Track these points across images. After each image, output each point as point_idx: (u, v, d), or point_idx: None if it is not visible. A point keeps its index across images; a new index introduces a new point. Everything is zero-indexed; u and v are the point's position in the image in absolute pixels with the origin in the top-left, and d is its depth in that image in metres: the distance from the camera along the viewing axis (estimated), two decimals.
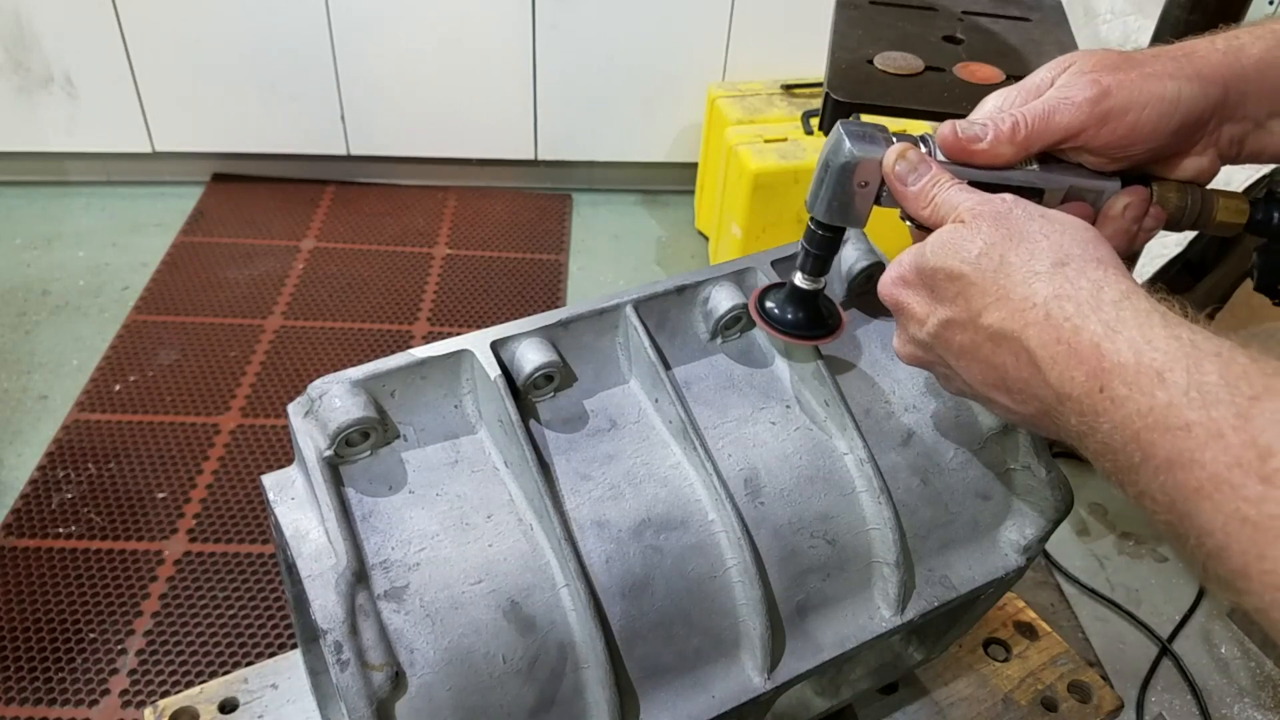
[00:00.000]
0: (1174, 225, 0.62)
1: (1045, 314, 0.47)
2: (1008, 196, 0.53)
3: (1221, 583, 0.41)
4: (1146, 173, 0.61)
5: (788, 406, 0.68)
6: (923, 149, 0.58)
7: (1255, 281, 0.67)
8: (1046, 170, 0.58)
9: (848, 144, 0.57)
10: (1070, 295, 0.47)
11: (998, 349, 0.50)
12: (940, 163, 0.57)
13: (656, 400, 0.66)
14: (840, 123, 0.59)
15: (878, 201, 0.59)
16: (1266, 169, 1.28)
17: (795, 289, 0.64)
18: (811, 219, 0.61)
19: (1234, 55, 0.58)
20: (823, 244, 0.62)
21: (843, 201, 0.59)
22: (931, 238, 0.54)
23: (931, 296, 0.54)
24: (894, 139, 0.58)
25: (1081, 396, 0.45)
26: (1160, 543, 1.81)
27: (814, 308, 0.65)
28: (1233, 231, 0.63)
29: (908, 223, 0.59)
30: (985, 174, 0.58)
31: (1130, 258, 0.63)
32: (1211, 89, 0.57)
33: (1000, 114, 0.57)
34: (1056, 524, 0.72)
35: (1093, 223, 0.60)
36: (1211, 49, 0.58)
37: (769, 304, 0.66)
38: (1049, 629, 0.97)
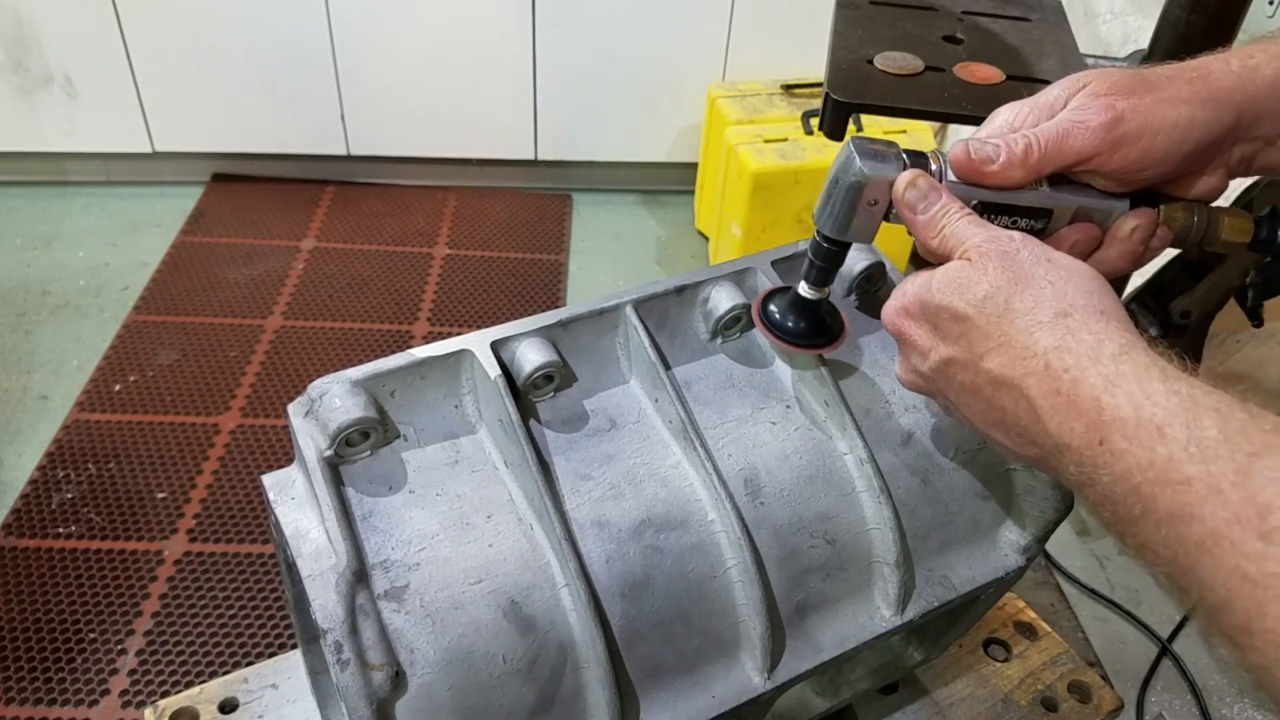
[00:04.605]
0: (1180, 244, 0.62)
1: (1045, 364, 0.48)
2: (1015, 235, 0.53)
3: (1224, 637, 0.41)
4: (1155, 192, 0.61)
5: (788, 406, 0.68)
6: (934, 167, 0.57)
7: (1249, 300, 0.67)
8: (1057, 190, 0.58)
9: (858, 162, 0.57)
10: (1070, 347, 0.47)
11: (998, 393, 0.51)
12: (951, 182, 0.57)
13: (656, 400, 0.66)
14: (851, 139, 0.58)
15: (886, 218, 0.59)
16: (1250, 180, 1.28)
17: (798, 298, 0.64)
18: (818, 232, 0.61)
19: (1248, 76, 0.57)
20: (828, 257, 0.61)
21: (850, 218, 0.58)
22: (938, 273, 0.54)
23: (934, 332, 0.54)
24: (904, 156, 0.58)
25: (1081, 448, 0.46)
26: None
27: (817, 316, 0.65)
28: (1236, 250, 0.63)
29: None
30: (996, 194, 0.57)
31: None
32: (1225, 113, 0.57)
33: (1013, 134, 0.57)
34: (1056, 524, 0.72)
35: (1099, 242, 0.60)
36: (1226, 70, 0.58)
37: (772, 310, 0.66)
38: (1049, 629, 0.97)
